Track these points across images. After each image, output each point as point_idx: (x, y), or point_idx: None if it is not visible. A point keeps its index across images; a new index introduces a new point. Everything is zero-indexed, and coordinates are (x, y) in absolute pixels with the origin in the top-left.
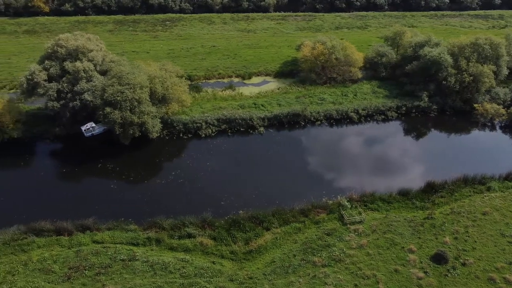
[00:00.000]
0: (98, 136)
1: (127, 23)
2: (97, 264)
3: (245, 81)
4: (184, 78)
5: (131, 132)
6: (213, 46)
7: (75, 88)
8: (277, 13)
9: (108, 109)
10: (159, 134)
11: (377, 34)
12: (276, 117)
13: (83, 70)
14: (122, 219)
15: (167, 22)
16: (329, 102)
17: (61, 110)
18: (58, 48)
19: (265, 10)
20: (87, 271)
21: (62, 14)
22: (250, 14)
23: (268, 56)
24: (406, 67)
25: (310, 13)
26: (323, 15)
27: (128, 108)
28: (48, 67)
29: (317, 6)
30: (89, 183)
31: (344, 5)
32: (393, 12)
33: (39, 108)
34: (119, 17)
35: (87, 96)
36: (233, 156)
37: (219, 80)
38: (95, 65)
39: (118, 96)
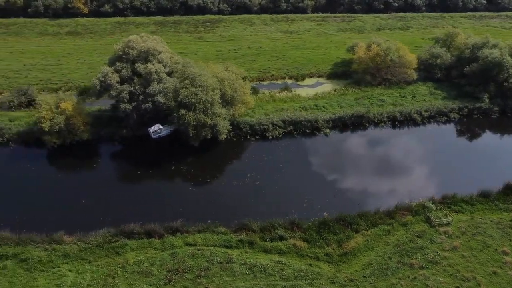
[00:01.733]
0: (164, 138)
1: (168, 25)
2: (195, 266)
3: (298, 83)
4: (247, 79)
5: (204, 134)
6: (260, 48)
7: (147, 90)
8: (316, 14)
9: (182, 111)
10: (226, 136)
11: (421, 35)
12: (340, 119)
13: (154, 72)
14: (209, 221)
15: (208, 23)
16: (389, 104)
17: (123, 112)
18: (129, 50)
19: (303, 11)
20: (186, 273)
21: (101, 15)
22: (289, 15)
23: (317, 57)
24: (465, 69)
25: (349, 14)
26: (362, 16)
27: (202, 110)
28: (120, 69)
29: (355, 7)
30: (167, 185)
31: (382, 6)
32: (431, 13)
33: (99, 109)
34: (159, 18)
35: (160, 98)
36: (304, 158)
37: (272, 81)
38: (164, 67)
39: (192, 98)
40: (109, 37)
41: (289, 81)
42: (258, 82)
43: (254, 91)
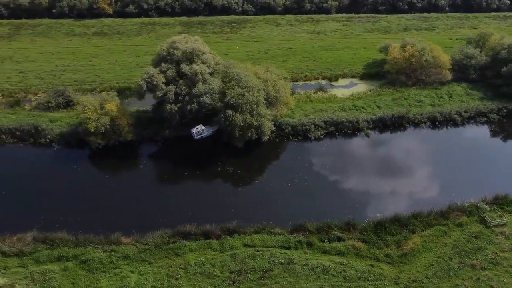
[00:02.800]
0: (206, 139)
1: (193, 25)
2: (257, 267)
3: (332, 83)
4: (287, 80)
5: (249, 134)
6: (290, 48)
7: (192, 91)
8: (340, 15)
9: (230, 112)
10: (269, 137)
11: (448, 36)
12: (381, 119)
13: (200, 73)
14: (263, 222)
15: (233, 24)
16: (427, 104)
17: (169, 113)
18: (174, 51)
19: (327, 11)
20: (249, 275)
21: (125, 16)
22: (313, 16)
23: (348, 57)
24: (502, 69)
25: (373, 15)
26: (386, 16)
27: (248, 111)
28: (165, 69)
29: (379, 8)
30: (215, 185)
31: (406, 7)
32: (455, 14)
33: (137, 110)
34: (184, 19)
35: (205, 99)
36: (349, 159)
37: (306, 82)
38: (207, 68)
39: (239, 99)
40: (136, 37)
41: (323, 82)
42: (292, 83)
43: (291, 91)
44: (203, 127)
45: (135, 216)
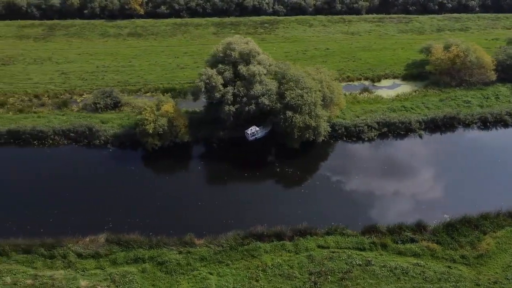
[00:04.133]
0: (260, 140)
1: (226, 26)
2: (336, 269)
3: (375, 84)
4: (338, 81)
5: (307, 135)
6: (327, 49)
7: (250, 92)
8: (371, 15)
9: (290, 113)
10: (323, 138)
11: (483, 37)
12: (432, 120)
13: (258, 74)
14: (333, 223)
15: (265, 25)
16: (475, 105)
17: (227, 114)
18: (231, 52)
19: (357, 12)
20: (330, 276)
21: (157, 16)
22: (344, 16)
23: (386, 58)
24: None
25: (404, 15)
26: (418, 17)
27: (307, 112)
28: (222, 70)
29: (410, 8)
30: (277, 186)
31: (436, 7)
32: (486, 14)
33: (186, 111)
34: (215, 19)
35: (264, 100)
36: (406, 159)
37: (349, 83)
38: (264, 68)
39: (298, 100)
40: (171, 38)
41: (366, 83)
42: None
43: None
44: (257, 128)
45: (202, 218)
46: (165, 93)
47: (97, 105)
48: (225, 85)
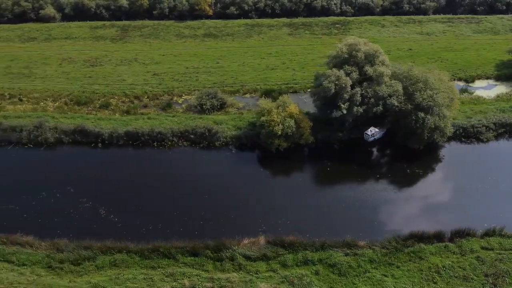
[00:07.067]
0: (378, 141)
1: (298, 26)
2: (510, 271)
3: (469, 85)
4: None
5: (435, 136)
6: (410, 49)
7: (379, 93)
8: (439, 16)
9: (421, 114)
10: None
11: None
12: None
13: (385, 75)
14: (493, 225)
15: (337, 25)
16: None
17: (346, 116)
18: (356, 53)
19: (424, 12)
20: (507, 278)
21: (225, 17)
22: (413, 17)
23: (472, 58)
24: None
25: (472, 16)
26: (486, 17)
27: (436, 113)
28: (349, 72)
29: (478, 9)
30: (413, 187)
31: (504, 7)
32: None
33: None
34: (285, 20)
35: (393, 101)
36: None
37: None
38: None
39: (430, 101)
40: (248, 39)
41: (460, 83)
42: None
43: None
44: (376, 129)
45: (349, 219)
46: (264, 95)
47: (204, 106)
48: (353, 87)
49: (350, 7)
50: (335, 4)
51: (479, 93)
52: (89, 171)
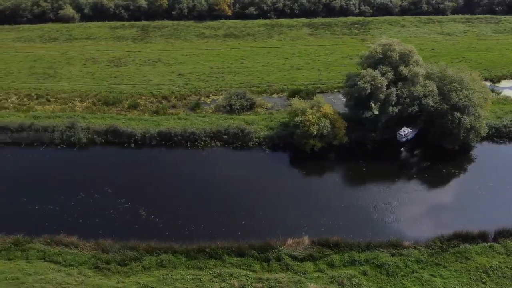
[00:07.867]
0: (410, 141)
1: (318, 26)
2: None
3: (496, 85)
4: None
5: (471, 136)
6: (433, 50)
7: (414, 93)
8: (458, 16)
9: (458, 114)
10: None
11: None
12: None
13: (420, 75)
14: None
15: (357, 25)
16: None
17: (380, 116)
18: (391, 53)
19: (442, 12)
20: None
21: (244, 17)
22: (432, 17)
23: (496, 58)
24: None
25: (490, 16)
26: (505, 17)
27: (472, 113)
28: (384, 72)
29: (496, 9)
30: (454, 189)
31: None
32: None
33: None
34: (305, 20)
35: (429, 101)
36: None
37: None
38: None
39: (466, 101)
40: (269, 39)
41: (486, 83)
42: None
43: None
44: (409, 130)
45: (391, 219)
46: (296, 95)
47: (233, 106)
48: (388, 87)
49: (368, 7)
50: (353, 4)
51: (506, 93)
52: (124, 172)
